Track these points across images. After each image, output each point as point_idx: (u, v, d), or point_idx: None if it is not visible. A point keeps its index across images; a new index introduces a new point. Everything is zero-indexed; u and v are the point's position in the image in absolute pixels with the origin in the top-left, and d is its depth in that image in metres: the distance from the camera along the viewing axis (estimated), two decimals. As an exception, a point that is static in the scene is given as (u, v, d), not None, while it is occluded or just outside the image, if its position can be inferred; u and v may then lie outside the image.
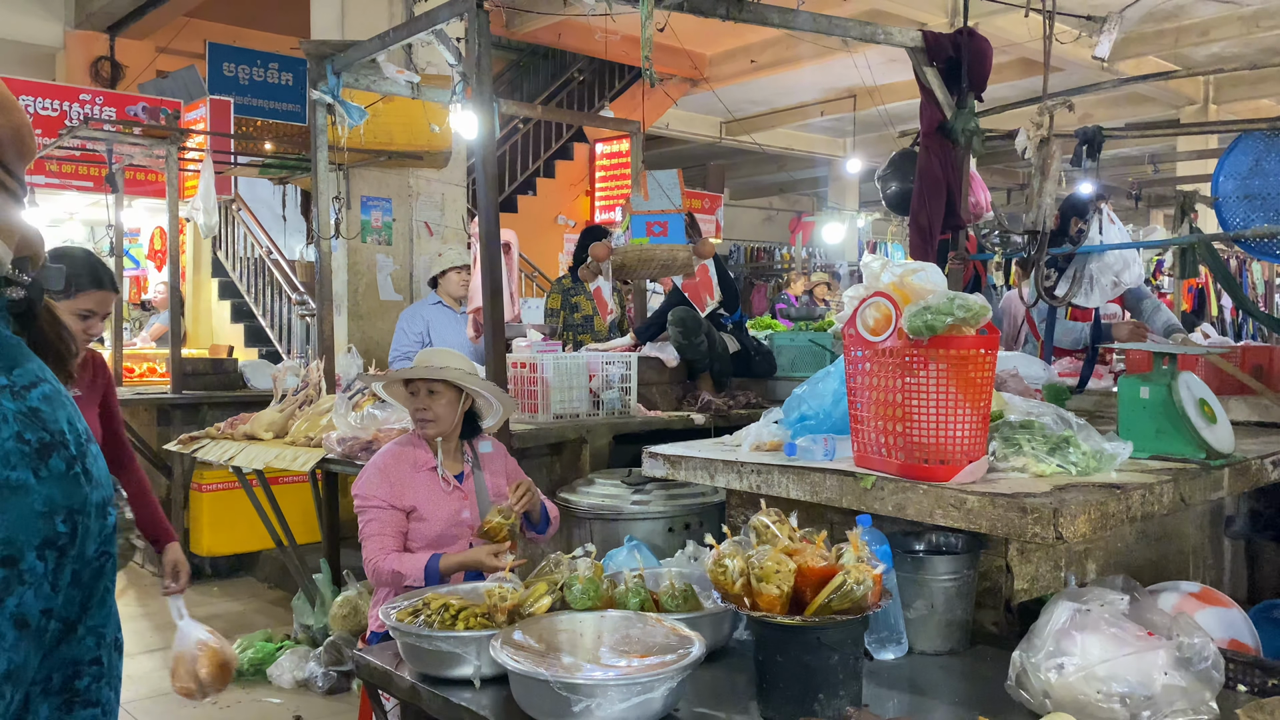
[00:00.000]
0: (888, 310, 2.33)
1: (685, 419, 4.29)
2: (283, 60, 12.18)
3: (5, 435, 0.93)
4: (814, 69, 12.82)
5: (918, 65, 3.67)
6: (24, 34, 10.65)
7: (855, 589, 1.91)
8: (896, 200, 4.28)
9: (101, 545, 1.00)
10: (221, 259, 10.32)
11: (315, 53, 4.22)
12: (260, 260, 9.56)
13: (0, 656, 0.89)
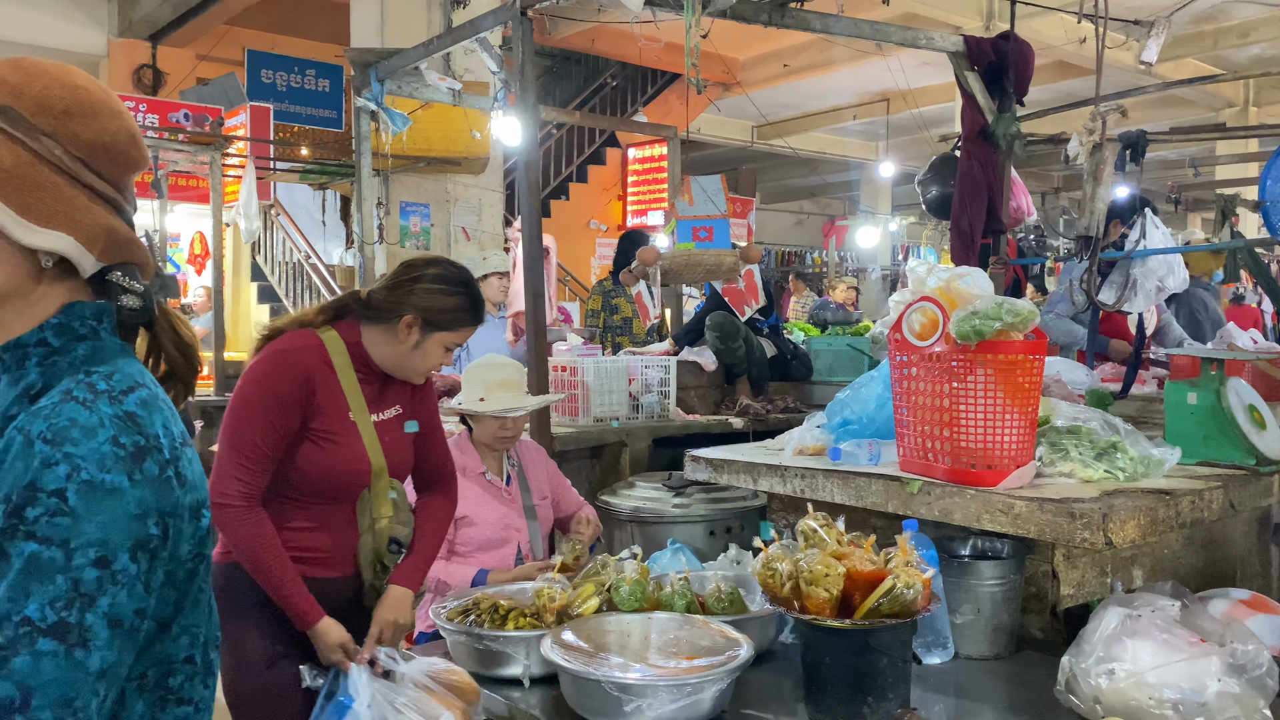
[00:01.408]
0: (934, 315, 2.33)
1: (723, 423, 4.30)
2: (320, 67, 12.34)
3: (101, 439, 0.96)
4: (847, 73, 12.80)
5: (959, 70, 3.67)
6: (68, 43, 10.85)
7: (905, 593, 1.92)
8: (937, 204, 4.28)
9: (195, 547, 1.03)
10: (260, 263, 10.46)
11: (359, 60, 4.29)
12: (299, 264, 9.68)
13: (94, 654, 0.92)
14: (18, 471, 0.93)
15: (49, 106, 1.05)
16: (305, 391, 2.16)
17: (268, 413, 2.13)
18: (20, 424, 0.97)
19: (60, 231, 1.03)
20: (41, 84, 1.04)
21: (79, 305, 1.07)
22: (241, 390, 2.17)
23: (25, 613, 0.90)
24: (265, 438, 2.13)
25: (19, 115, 1.02)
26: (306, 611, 2.16)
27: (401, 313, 2.22)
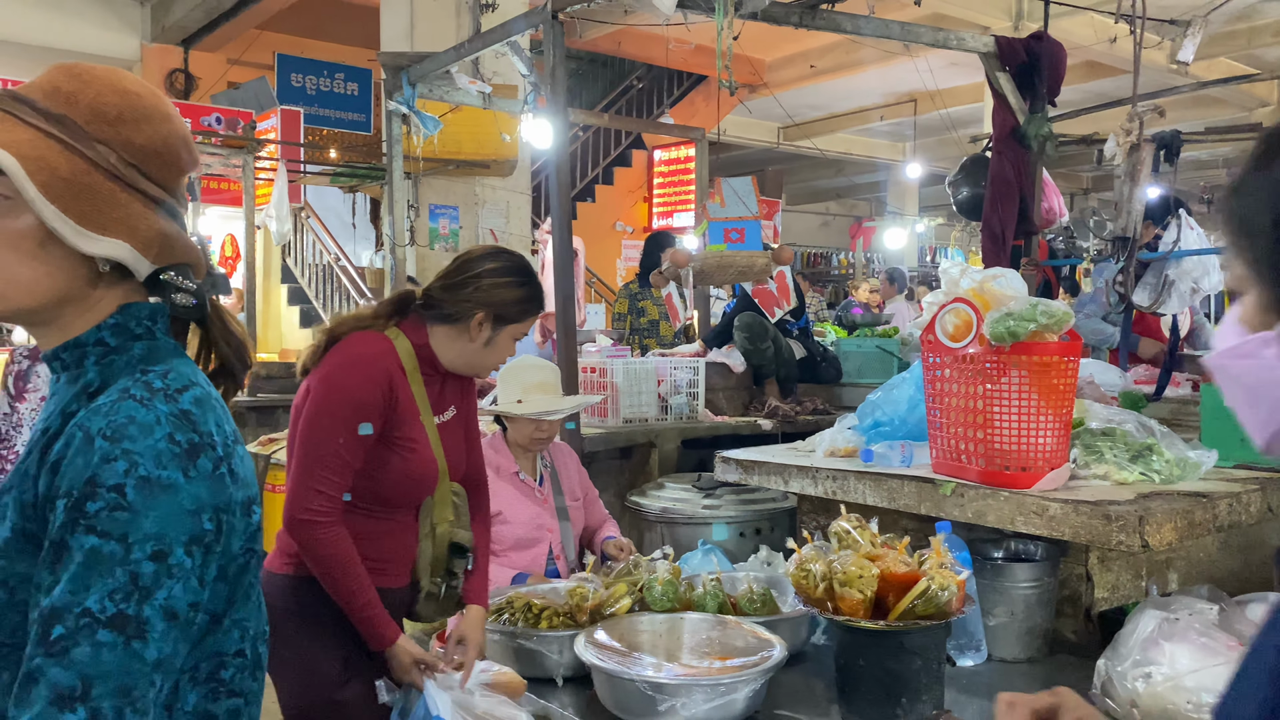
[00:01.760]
0: (968, 316, 2.33)
1: (752, 424, 4.30)
2: (349, 70, 12.44)
3: (158, 436, 0.99)
4: (874, 73, 12.76)
5: (990, 70, 3.66)
6: (102, 48, 11.00)
7: (940, 595, 1.91)
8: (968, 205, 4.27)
9: (246, 542, 1.05)
10: (290, 265, 10.55)
11: (392, 64, 4.33)
12: (329, 267, 9.76)
13: (151, 646, 0.94)
14: (78, 467, 0.96)
15: (103, 113, 1.07)
16: (388, 398, 2.10)
17: (351, 422, 2.06)
18: (80, 421, 0.99)
19: (117, 239, 1.06)
20: (95, 91, 1.06)
21: (135, 306, 1.10)
22: (322, 399, 2.08)
23: (86, 604, 0.92)
24: (349, 448, 2.05)
25: (75, 124, 1.05)
26: (385, 631, 2.09)
27: (472, 312, 2.16)
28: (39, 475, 1.00)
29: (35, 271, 1.04)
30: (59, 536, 0.95)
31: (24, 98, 1.05)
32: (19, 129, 1.02)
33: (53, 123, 1.04)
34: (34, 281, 1.04)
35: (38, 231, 1.03)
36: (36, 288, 1.04)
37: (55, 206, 1.01)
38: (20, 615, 0.98)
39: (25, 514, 1.00)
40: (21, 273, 1.03)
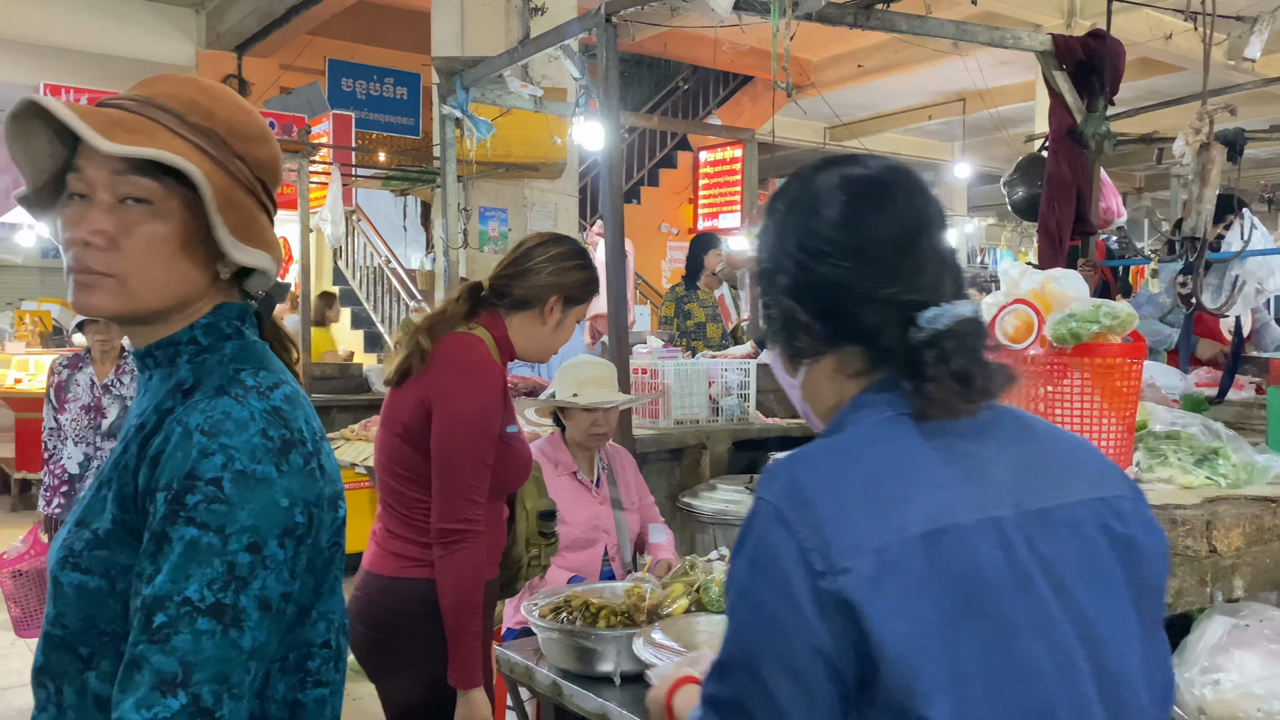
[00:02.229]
0: (1028, 318, 2.31)
1: (803, 426, 4.29)
2: (398, 75, 12.57)
3: (252, 432, 1.02)
4: (923, 73, 12.64)
5: (1046, 69, 3.62)
6: (159, 55, 11.22)
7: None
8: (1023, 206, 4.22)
9: (333, 536, 1.09)
10: (342, 268, 10.70)
11: (446, 69, 4.37)
12: (379, 269, 9.88)
13: (246, 634, 0.97)
14: (177, 461, 0.99)
15: (237, 130, 1.12)
16: (505, 400, 2.20)
17: (485, 429, 2.12)
18: (178, 417, 1.03)
19: (259, 249, 1.11)
20: (228, 108, 1.12)
21: (227, 306, 1.14)
22: (454, 413, 2.11)
23: (186, 593, 0.95)
24: (487, 453, 2.13)
25: (220, 139, 1.10)
26: (476, 670, 2.10)
27: (548, 295, 2.23)
28: (138, 469, 1.03)
29: (169, 275, 1.08)
30: (160, 528, 0.98)
31: (171, 110, 1.09)
32: (176, 141, 1.06)
33: (201, 136, 1.09)
34: (166, 285, 1.08)
35: (178, 236, 1.08)
36: (167, 290, 1.08)
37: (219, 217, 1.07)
38: (120, 604, 1.02)
39: (125, 506, 1.03)
40: (158, 276, 1.07)
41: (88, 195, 1.06)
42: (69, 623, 1.03)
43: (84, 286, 1.06)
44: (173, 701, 0.92)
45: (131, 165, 1.04)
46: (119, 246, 1.05)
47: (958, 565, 0.93)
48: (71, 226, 1.06)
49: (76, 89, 8.91)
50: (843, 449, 1.00)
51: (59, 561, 1.05)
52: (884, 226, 1.03)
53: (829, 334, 1.04)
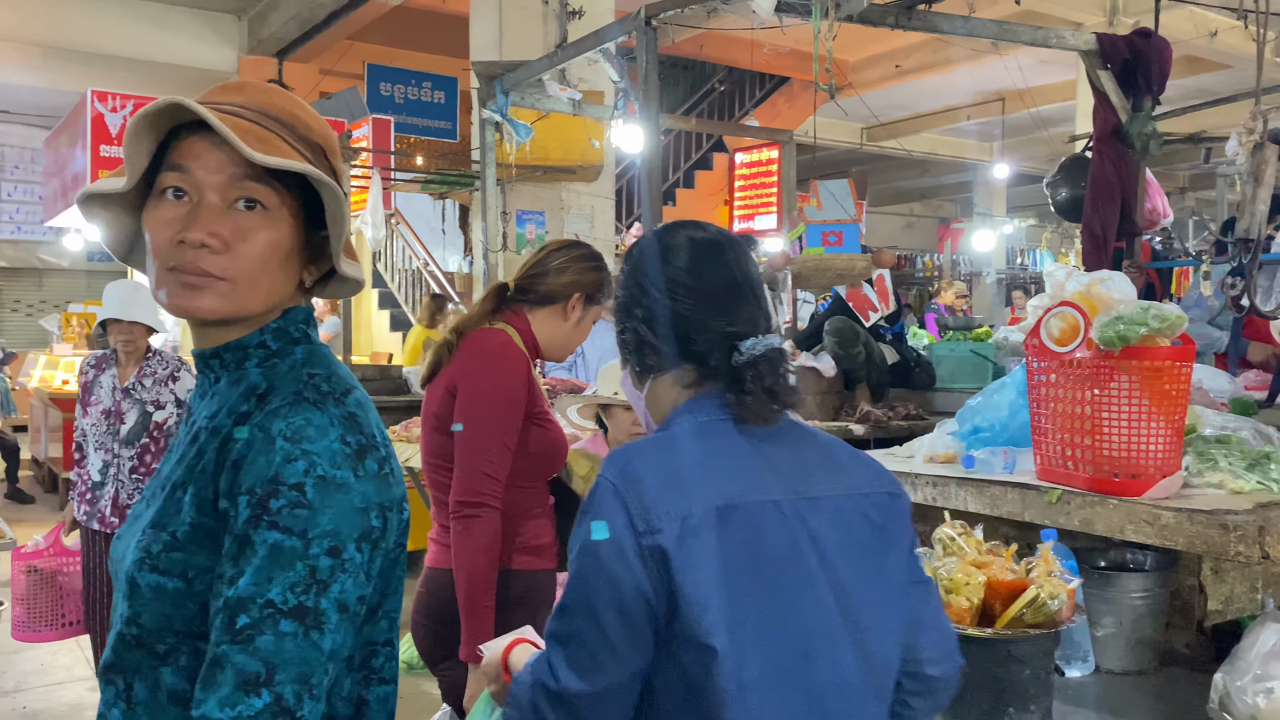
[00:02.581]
0: (1075, 320, 2.28)
1: (843, 430, 4.26)
2: (435, 79, 12.67)
3: (332, 438, 1.03)
4: (961, 72, 12.54)
5: (1091, 69, 3.58)
6: (202, 60, 11.39)
7: (1049, 603, 1.89)
8: (1066, 206, 4.17)
9: (399, 537, 1.10)
10: (380, 270, 10.79)
11: (486, 73, 4.40)
12: (418, 271, 9.96)
13: (326, 636, 0.99)
14: (260, 466, 1.00)
15: (329, 143, 1.15)
16: (529, 383, 2.29)
17: (507, 410, 2.23)
18: (259, 422, 1.04)
19: (355, 260, 1.15)
20: (318, 121, 1.15)
21: (295, 310, 1.15)
22: (475, 393, 2.23)
23: (269, 596, 0.97)
24: (506, 432, 2.22)
25: (321, 151, 1.13)
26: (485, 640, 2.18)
27: (571, 292, 2.38)
28: (217, 474, 1.04)
29: (275, 280, 1.10)
30: (243, 531, 0.99)
31: (283, 121, 1.11)
32: (293, 152, 1.08)
33: (308, 148, 1.11)
34: (270, 290, 1.10)
35: (288, 243, 1.10)
36: (270, 296, 1.11)
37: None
38: (197, 605, 1.03)
39: (203, 510, 1.04)
40: (264, 281, 1.09)
41: (189, 195, 1.07)
42: (145, 622, 1.05)
43: (192, 287, 1.06)
44: (256, 701, 0.94)
45: (251, 172, 1.06)
46: (233, 249, 1.06)
47: (743, 534, 1.23)
48: (174, 227, 1.06)
49: (123, 95, 9.06)
50: (667, 441, 1.31)
51: (135, 563, 1.06)
52: (718, 275, 1.35)
53: (671, 354, 1.34)
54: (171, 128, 1.09)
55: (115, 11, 10.75)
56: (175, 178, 1.07)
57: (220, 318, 1.09)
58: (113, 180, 1.10)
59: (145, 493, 1.16)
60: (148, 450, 3.94)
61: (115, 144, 8.85)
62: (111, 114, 8.91)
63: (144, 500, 1.15)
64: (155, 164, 1.09)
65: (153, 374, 4.00)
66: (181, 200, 1.07)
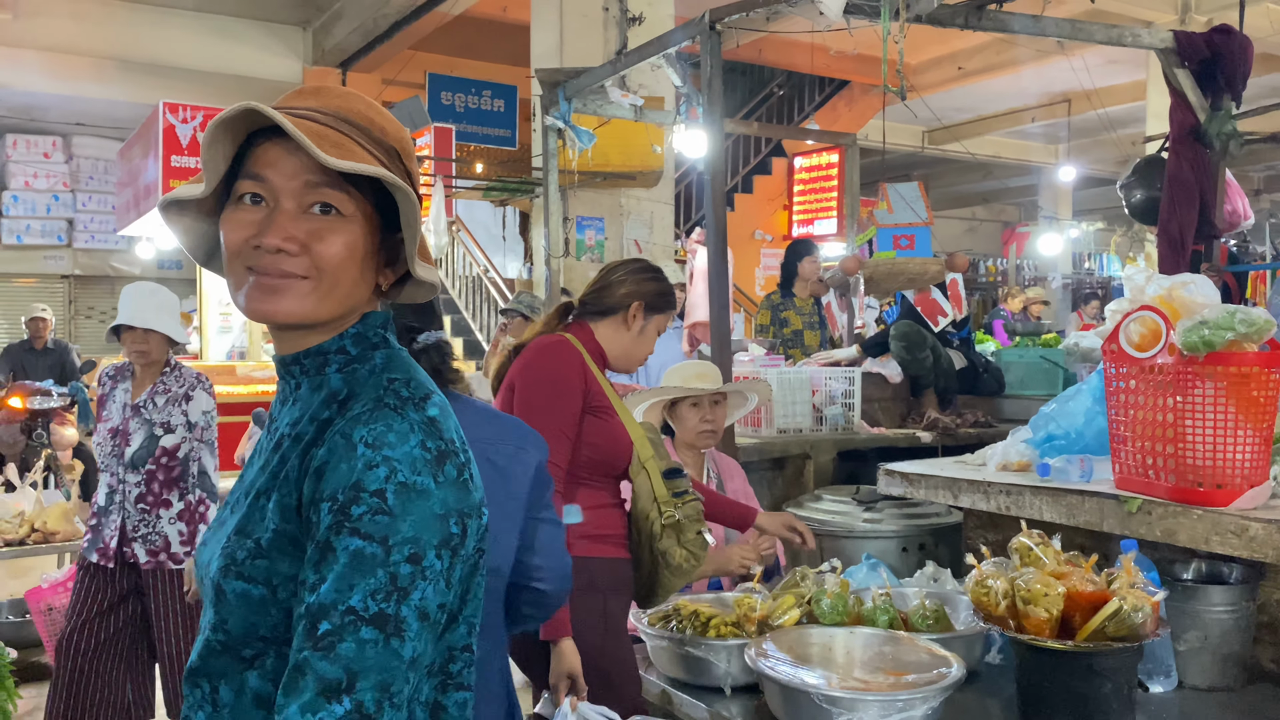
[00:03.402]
0: (1156, 325, 2.22)
1: (910, 437, 4.20)
2: (495, 87, 12.79)
3: (412, 444, 1.03)
4: (1026, 74, 12.33)
5: (1168, 67, 3.49)
6: (268, 72, 11.62)
7: (1132, 616, 1.83)
8: (1142, 209, 4.07)
9: (478, 543, 1.09)
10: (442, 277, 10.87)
11: (549, 80, 4.42)
12: (478, 278, 10.04)
13: (407, 644, 0.98)
14: (342, 473, 1.00)
15: (404, 146, 1.15)
16: (583, 377, 2.38)
17: (562, 397, 2.33)
18: (341, 429, 1.04)
19: (429, 264, 1.15)
20: (393, 124, 1.15)
21: (374, 315, 1.15)
22: (531, 383, 2.37)
23: (350, 603, 0.96)
24: (565, 421, 2.33)
25: (396, 155, 1.13)
26: (562, 622, 2.21)
27: (629, 301, 2.49)
28: (300, 480, 1.05)
29: (352, 284, 1.11)
30: (324, 538, 0.99)
31: (357, 124, 1.11)
32: (368, 156, 1.08)
33: (384, 152, 1.11)
34: (347, 294, 1.11)
35: (363, 247, 1.10)
36: (347, 299, 1.11)
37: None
38: (281, 612, 1.04)
39: (287, 517, 1.05)
40: (342, 284, 1.09)
41: (266, 201, 1.08)
42: (231, 628, 1.06)
43: (271, 291, 1.07)
44: (337, 708, 0.94)
45: (326, 177, 1.07)
46: (311, 253, 1.07)
47: None
48: (251, 231, 1.07)
49: (193, 106, 9.27)
50: None
51: (221, 569, 1.06)
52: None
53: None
54: (248, 134, 1.10)
55: (186, 25, 11.02)
56: (252, 184, 1.08)
57: (297, 321, 1.09)
58: (192, 186, 1.11)
59: (229, 499, 1.17)
60: (155, 478, 3.47)
61: (186, 154, 9.06)
62: (182, 125, 9.13)
63: (228, 506, 1.16)
64: (233, 170, 1.11)
65: (166, 391, 3.51)
66: (258, 206, 1.08)
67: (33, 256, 14.32)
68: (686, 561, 2.43)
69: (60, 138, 14.11)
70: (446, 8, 9.86)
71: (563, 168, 4.75)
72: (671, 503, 2.43)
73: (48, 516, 4.32)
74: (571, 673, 2.22)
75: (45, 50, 10.53)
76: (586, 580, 2.28)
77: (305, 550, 1.02)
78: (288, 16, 11.59)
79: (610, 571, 2.36)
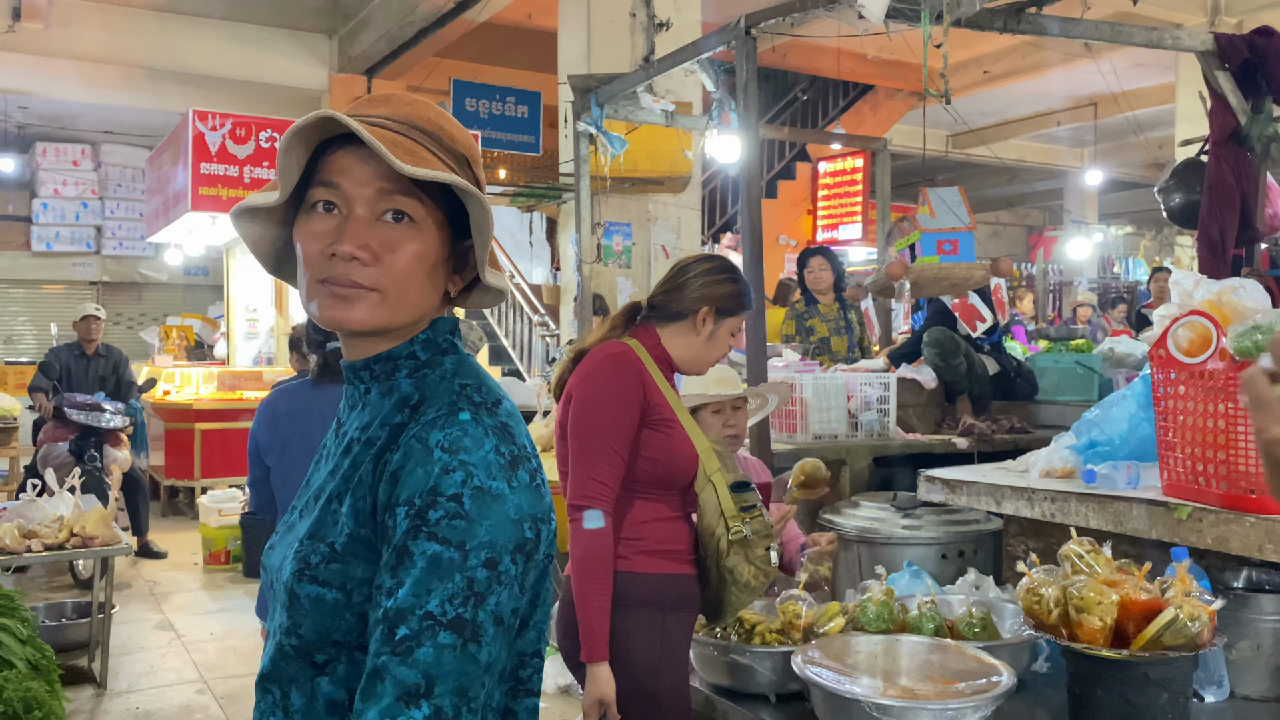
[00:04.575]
0: (1205, 330, 2.20)
1: (946, 443, 4.18)
2: (519, 94, 12.82)
3: (487, 448, 1.03)
4: (1052, 77, 12.26)
5: (1207, 69, 3.46)
6: (293, 79, 11.71)
7: (1189, 625, 1.81)
8: (1181, 212, 4.03)
9: (548, 548, 1.09)
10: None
11: (581, 86, 4.43)
12: (503, 284, 10.06)
13: (484, 649, 0.98)
14: (419, 477, 1.00)
15: (472, 153, 1.16)
16: (642, 389, 2.28)
17: (616, 412, 2.23)
18: (417, 434, 1.04)
19: (501, 272, 1.15)
20: (461, 131, 1.15)
21: (442, 321, 1.16)
22: (586, 397, 2.27)
23: (428, 607, 0.96)
24: (617, 437, 2.23)
25: (466, 162, 1.14)
26: (600, 645, 2.17)
27: (698, 306, 2.35)
28: (376, 484, 1.05)
29: (423, 291, 1.11)
30: (401, 542, 0.99)
31: (428, 131, 1.12)
32: (439, 163, 1.08)
33: (454, 159, 1.12)
34: (418, 301, 1.11)
35: (434, 254, 1.10)
36: (418, 307, 1.11)
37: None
38: (355, 616, 1.04)
39: (361, 521, 1.05)
40: (413, 291, 1.10)
41: (339, 208, 1.08)
42: (304, 633, 1.06)
43: (343, 299, 1.07)
44: (415, 712, 0.94)
45: (399, 184, 1.07)
46: (382, 261, 1.07)
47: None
48: (325, 240, 1.07)
49: (221, 114, 9.35)
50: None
51: (295, 574, 1.07)
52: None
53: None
54: (320, 141, 1.10)
55: (214, 34, 11.12)
56: (325, 192, 1.08)
57: (371, 329, 1.09)
58: (265, 195, 1.11)
59: (296, 503, 1.17)
60: None
61: (215, 161, 9.13)
62: (211, 132, 9.20)
63: (295, 511, 1.16)
64: (305, 178, 1.11)
65: None
66: (331, 213, 1.08)
67: (62, 263, 14.48)
68: (755, 579, 2.31)
69: (89, 145, 14.28)
70: (472, 14, 9.91)
71: (593, 173, 4.75)
72: (739, 518, 2.30)
73: (86, 521, 4.36)
74: (603, 699, 2.16)
75: (76, 60, 10.64)
76: (644, 596, 2.23)
77: (379, 554, 1.02)
78: (314, 25, 11.67)
79: (672, 588, 2.26)
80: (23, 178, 14.04)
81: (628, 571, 2.23)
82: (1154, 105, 12.30)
